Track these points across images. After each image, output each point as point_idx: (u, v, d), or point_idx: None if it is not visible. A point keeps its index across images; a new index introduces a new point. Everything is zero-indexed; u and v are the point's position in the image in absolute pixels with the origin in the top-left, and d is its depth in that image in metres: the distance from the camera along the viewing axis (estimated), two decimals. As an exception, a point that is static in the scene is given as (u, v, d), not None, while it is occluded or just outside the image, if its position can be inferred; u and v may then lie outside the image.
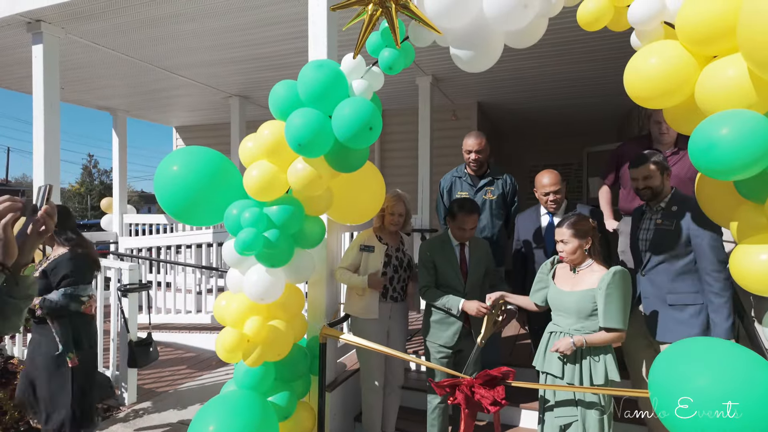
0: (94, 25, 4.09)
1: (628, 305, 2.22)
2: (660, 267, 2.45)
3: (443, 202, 3.55)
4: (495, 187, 3.38)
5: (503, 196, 3.40)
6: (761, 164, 1.50)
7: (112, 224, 7.13)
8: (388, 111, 7.17)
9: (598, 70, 5.28)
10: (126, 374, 3.48)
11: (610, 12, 1.84)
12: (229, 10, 3.83)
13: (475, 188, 3.40)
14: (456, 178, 3.51)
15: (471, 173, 3.46)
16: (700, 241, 2.32)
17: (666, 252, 2.42)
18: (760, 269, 1.64)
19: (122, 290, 3.48)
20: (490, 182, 3.40)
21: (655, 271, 2.48)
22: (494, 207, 3.36)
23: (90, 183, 37.14)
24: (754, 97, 1.52)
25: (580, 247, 2.30)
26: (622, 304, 2.18)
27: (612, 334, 2.20)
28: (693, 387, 1.57)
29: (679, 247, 2.38)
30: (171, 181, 2.25)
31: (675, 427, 1.63)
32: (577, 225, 2.31)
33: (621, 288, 2.18)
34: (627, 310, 2.21)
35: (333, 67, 2.15)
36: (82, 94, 6.35)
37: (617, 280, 2.19)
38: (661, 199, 2.49)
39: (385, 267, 2.92)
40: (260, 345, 2.26)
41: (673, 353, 1.77)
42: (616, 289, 2.18)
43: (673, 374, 1.70)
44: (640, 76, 1.77)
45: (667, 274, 2.43)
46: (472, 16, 1.91)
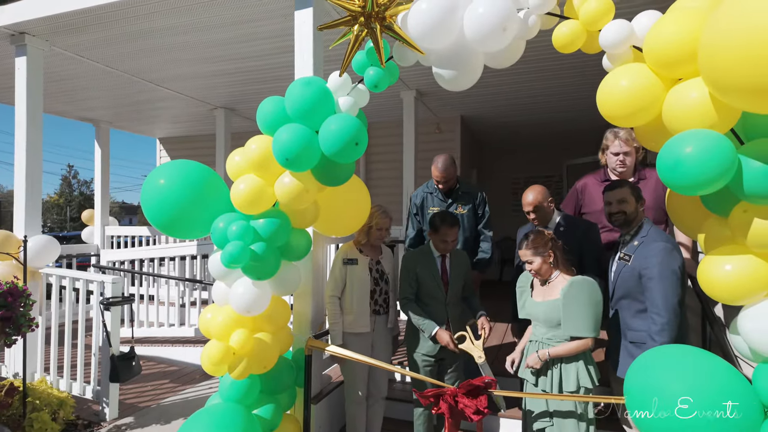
0: (79, 37, 4.09)
1: (592, 313, 2.25)
2: (623, 302, 2.42)
3: (415, 218, 3.63)
4: (466, 202, 3.49)
5: (474, 209, 3.51)
6: (722, 180, 1.60)
7: (93, 236, 7.02)
8: (374, 124, 7.26)
9: (575, 86, 5.47)
10: (107, 389, 3.43)
11: (583, 36, 1.95)
12: (218, 24, 3.89)
13: (446, 203, 3.50)
14: (428, 194, 3.59)
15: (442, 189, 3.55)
16: (647, 281, 2.26)
17: (625, 287, 2.38)
18: (726, 279, 1.73)
19: (105, 304, 3.45)
20: (460, 197, 3.50)
21: (619, 305, 2.44)
22: (466, 221, 3.46)
23: (69, 194, 36.40)
24: (715, 118, 1.62)
25: (545, 262, 2.38)
26: (583, 311, 2.24)
27: (576, 342, 2.27)
28: (665, 390, 1.66)
29: (635, 283, 2.33)
30: (158, 195, 2.27)
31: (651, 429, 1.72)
32: (534, 243, 2.39)
33: (578, 296, 2.25)
34: (590, 317, 2.25)
35: (320, 85, 2.21)
36: (65, 105, 6.30)
37: (574, 289, 2.27)
38: (633, 227, 2.42)
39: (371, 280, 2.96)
40: (246, 357, 2.28)
41: (647, 360, 1.86)
42: (573, 298, 2.26)
43: (647, 380, 1.79)
44: (612, 97, 1.87)
45: (628, 311, 2.39)
46: (454, 38, 1.99)
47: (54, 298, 3.77)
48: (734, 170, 1.59)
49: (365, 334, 2.97)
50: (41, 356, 3.74)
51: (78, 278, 3.65)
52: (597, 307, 2.28)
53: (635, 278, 2.31)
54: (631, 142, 2.92)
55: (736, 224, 1.68)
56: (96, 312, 3.60)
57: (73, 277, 3.70)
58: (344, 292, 2.96)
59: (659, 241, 2.30)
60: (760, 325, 1.67)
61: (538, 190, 2.90)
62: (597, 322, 2.27)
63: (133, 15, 3.71)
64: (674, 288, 2.20)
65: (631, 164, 2.97)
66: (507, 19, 1.87)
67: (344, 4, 2.04)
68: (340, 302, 2.96)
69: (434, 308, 2.82)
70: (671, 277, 2.21)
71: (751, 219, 1.62)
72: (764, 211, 1.60)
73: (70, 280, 3.72)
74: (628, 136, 2.91)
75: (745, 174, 1.58)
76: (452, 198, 3.50)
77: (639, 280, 2.30)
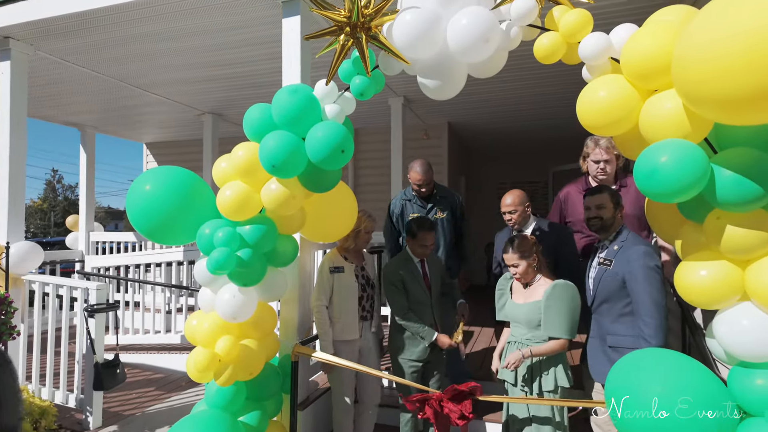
0: (65, 42, 4.07)
1: (570, 315, 2.37)
2: (603, 307, 2.42)
3: (394, 226, 3.66)
4: (444, 206, 3.54)
5: (452, 213, 3.56)
6: (696, 188, 1.65)
7: (77, 242, 6.93)
8: (362, 130, 7.30)
9: (557, 93, 5.57)
10: (91, 397, 3.38)
11: (563, 47, 2.00)
12: (207, 30, 3.89)
13: (426, 209, 3.55)
14: (406, 201, 3.64)
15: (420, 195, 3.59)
16: (633, 284, 2.26)
17: (606, 292, 2.38)
18: (701, 284, 1.78)
19: (89, 311, 3.41)
20: (438, 202, 3.55)
21: (599, 311, 2.45)
22: (445, 224, 3.51)
23: (53, 199, 35.82)
24: (689, 128, 1.67)
25: (530, 265, 2.47)
26: (563, 313, 2.35)
27: (555, 342, 2.37)
28: (644, 391, 1.70)
29: (617, 288, 2.34)
30: (144, 201, 2.27)
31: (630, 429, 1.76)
32: (520, 247, 2.47)
33: (560, 299, 2.36)
34: (568, 320, 2.36)
35: (307, 92, 2.23)
36: (50, 109, 6.23)
37: (557, 292, 2.38)
38: (610, 233, 2.45)
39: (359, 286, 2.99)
40: (232, 364, 2.28)
41: (627, 363, 1.91)
42: (555, 300, 2.36)
43: (627, 382, 1.83)
44: (591, 107, 1.92)
45: (609, 315, 2.39)
46: (438, 48, 2.03)
47: (37, 306, 3.72)
48: (707, 178, 1.64)
49: (353, 340, 2.98)
50: (23, 364, 3.68)
51: (62, 285, 3.61)
52: (575, 311, 2.39)
53: (618, 282, 2.33)
54: (612, 150, 2.96)
55: (710, 231, 1.73)
56: (80, 319, 3.56)
57: (56, 284, 3.66)
58: (331, 301, 2.96)
59: (639, 245, 2.35)
60: (733, 329, 1.71)
61: (517, 194, 2.99)
62: (574, 325, 2.38)
63: (119, 21, 3.70)
64: (660, 290, 2.25)
65: (612, 171, 3.02)
66: (489, 30, 1.92)
67: (330, 15, 2.07)
68: (328, 311, 2.95)
69: (422, 312, 2.87)
70: (656, 279, 2.25)
71: (724, 226, 1.67)
72: (736, 218, 1.65)
73: (54, 287, 3.67)
74: (608, 144, 2.95)
75: (718, 182, 1.63)
76: (431, 203, 3.54)
77: (622, 284, 2.32)
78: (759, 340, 1.65)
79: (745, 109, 1.43)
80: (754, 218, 1.64)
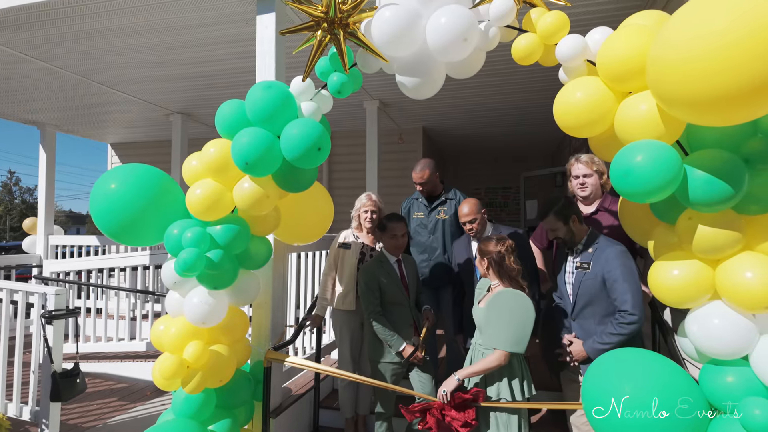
0: (20, 34, 3.85)
1: (512, 325, 2.24)
2: (587, 311, 2.42)
3: None
4: (447, 207, 3.52)
5: (456, 214, 3.53)
6: (670, 188, 1.68)
7: (35, 246, 6.58)
8: (337, 133, 7.22)
9: (531, 100, 5.67)
10: (48, 409, 3.18)
11: (540, 49, 2.02)
12: (175, 26, 3.76)
13: (429, 209, 3.54)
14: (413, 200, 3.68)
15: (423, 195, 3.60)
16: (612, 283, 2.30)
17: (588, 295, 2.39)
18: (673, 283, 1.81)
19: (46, 317, 3.21)
20: (442, 202, 3.53)
21: (582, 315, 2.44)
22: (447, 226, 3.48)
23: (10, 202, 34.17)
24: (663, 129, 1.70)
25: (486, 269, 2.45)
26: (503, 323, 2.25)
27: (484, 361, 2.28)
28: (618, 391, 1.71)
29: (598, 288, 2.35)
30: (109, 200, 2.16)
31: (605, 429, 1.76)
32: (480, 249, 2.49)
33: (500, 308, 2.27)
34: (509, 330, 2.23)
35: (282, 88, 2.17)
36: (7, 106, 5.91)
37: (497, 300, 2.30)
38: (577, 242, 2.46)
39: (359, 264, 3.17)
40: (201, 371, 2.18)
41: (602, 363, 1.92)
42: (494, 309, 2.29)
43: (602, 383, 1.84)
44: (567, 108, 1.94)
45: (594, 318, 2.41)
46: (416, 47, 2.01)
47: (-12, 313, 3.48)
48: (680, 179, 1.67)
49: (352, 312, 3.19)
50: (-28, 375, 3.43)
51: (17, 290, 3.40)
52: (523, 322, 2.23)
53: (599, 283, 2.35)
54: (591, 165, 2.88)
55: (682, 231, 1.77)
56: (36, 326, 3.36)
57: (11, 289, 3.44)
58: (337, 272, 3.27)
59: (614, 245, 2.39)
60: (704, 327, 1.75)
61: (473, 203, 3.03)
62: (517, 336, 2.23)
63: (78, 14, 3.53)
64: (638, 287, 2.29)
65: (594, 187, 2.90)
66: (468, 29, 1.91)
67: (307, 9, 2.02)
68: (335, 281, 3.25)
69: (400, 313, 2.83)
70: (634, 276, 2.30)
71: (696, 226, 1.71)
72: (708, 218, 1.69)
73: (8, 292, 3.44)
74: (588, 159, 2.89)
75: (690, 183, 1.66)
76: (435, 203, 3.54)
77: (603, 285, 2.34)
78: (729, 338, 1.69)
79: (721, 108, 1.45)
80: (724, 219, 1.68)
